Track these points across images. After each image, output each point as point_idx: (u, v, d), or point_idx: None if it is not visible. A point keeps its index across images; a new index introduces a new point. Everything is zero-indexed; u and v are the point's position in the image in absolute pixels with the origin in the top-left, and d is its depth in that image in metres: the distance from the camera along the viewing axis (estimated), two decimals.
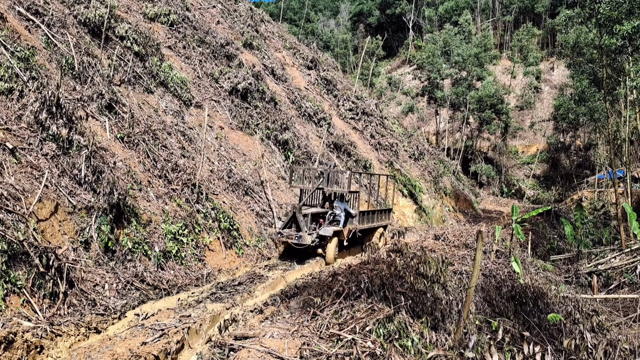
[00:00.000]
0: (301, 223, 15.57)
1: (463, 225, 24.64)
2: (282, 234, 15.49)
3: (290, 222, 15.85)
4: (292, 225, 15.83)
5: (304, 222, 15.65)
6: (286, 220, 15.89)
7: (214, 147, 18.63)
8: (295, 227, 15.75)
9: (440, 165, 42.08)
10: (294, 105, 28.08)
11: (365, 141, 32.73)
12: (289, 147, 23.00)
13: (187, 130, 17.87)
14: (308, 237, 15.33)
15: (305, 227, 15.59)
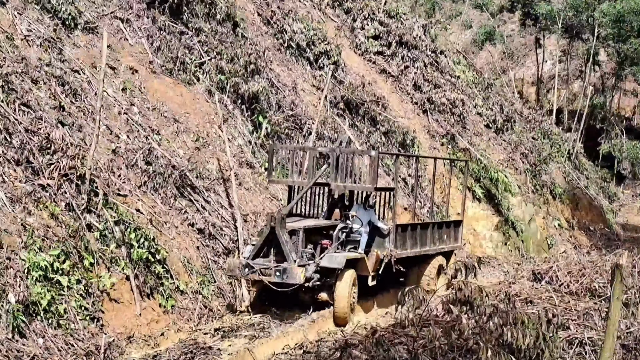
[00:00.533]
0: (286, 246, 15.78)
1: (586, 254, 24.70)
2: (253, 267, 15.76)
3: (265, 246, 16.12)
4: (269, 251, 16.10)
5: (290, 244, 15.88)
6: (259, 242, 16.14)
7: (119, 107, 18.57)
8: (276, 255, 15.99)
9: (544, 143, 42.07)
10: (271, 28, 28.00)
11: (405, 96, 32.74)
12: (260, 106, 22.96)
13: (68, 76, 17.80)
14: (299, 270, 15.54)
15: (293, 254, 15.81)
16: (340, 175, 17.17)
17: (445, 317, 11.85)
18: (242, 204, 19.45)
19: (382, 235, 17.50)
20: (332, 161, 17.29)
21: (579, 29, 54.35)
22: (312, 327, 15.33)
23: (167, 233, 16.74)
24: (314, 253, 16.44)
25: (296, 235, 16.24)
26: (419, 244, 18.79)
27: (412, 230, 18.57)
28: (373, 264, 16.97)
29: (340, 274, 16.09)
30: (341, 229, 17.13)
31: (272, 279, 15.63)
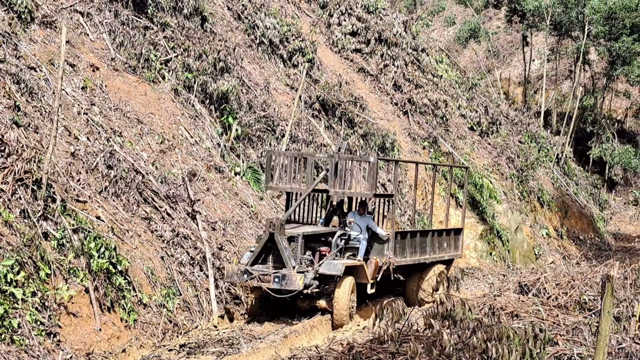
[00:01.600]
0: (284, 253, 16.49)
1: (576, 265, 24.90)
2: (251, 273, 16.48)
3: (264, 253, 16.83)
4: (267, 257, 16.81)
5: (289, 250, 16.63)
6: (257, 248, 16.85)
7: (78, 106, 18.48)
8: (275, 261, 16.68)
9: (531, 147, 42.34)
10: (242, 23, 28.00)
11: (384, 96, 32.83)
12: (230, 107, 22.93)
13: (24, 73, 17.68)
14: (298, 277, 16.23)
15: (292, 260, 16.55)
16: (338, 182, 17.80)
17: (426, 332, 11.87)
18: (210, 211, 19.40)
19: (381, 242, 18.27)
20: (331, 168, 17.87)
21: (569, 26, 54.77)
22: (284, 342, 15.30)
23: (130, 242, 16.64)
24: (312, 260, 17.15)
25: (295, 241, 16.94)
26: (419, 251, 19.55)
27: (411, 238, 19.35)
28: (372, 271, 17.70)
29: (339, 281, 16.83)
30: (340, 235, 17.81)
31: (271, 285, 16.29)
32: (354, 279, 17.23)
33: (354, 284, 17.24)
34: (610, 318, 9.30)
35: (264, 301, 17.40)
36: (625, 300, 16.16)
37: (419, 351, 10.99)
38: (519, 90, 64.87)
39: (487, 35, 63.43)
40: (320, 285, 16.83)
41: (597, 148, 56.11)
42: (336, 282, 16.92)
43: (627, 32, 51.29)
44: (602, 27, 51.43)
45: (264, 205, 21.75)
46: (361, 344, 12.82)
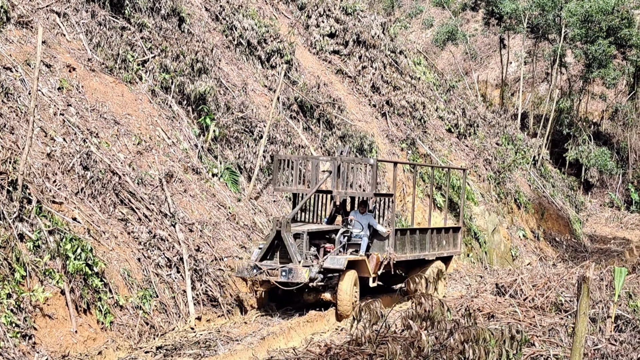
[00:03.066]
0: (291, 248, 17.84)
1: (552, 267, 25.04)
2: (260, 268, 17.78)
3: (271, 249, 18.19)
4: (274, 253, 18.18)
5: (295, 246, 17.94)
6: (266, 245, 18.22)
7: (54, 107, 18.41)
8: (281, 257, 18.04)
9: (508, 149, 42.51)
10: (220, 24, 27.96)
11: (362, 98, 32.86)
12: (207, 108, 22.89)
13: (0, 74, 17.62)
14: (304, 270, 17.56)
15: (298, 255, 17.86)
16: (341, 183, 19.18)
17: (404, 333, 11.89)
18: (187, 213, 19.35)
19: (382, 239, 19.61)
20: (334, 169, 19.22)
21: (545, 29, 55.11)
22: (261, 344, 15.30)
23: (106, 244, 16.59)
24: (317, 255, 18.53)
25: (300, 238, 18.28)
26: (418, 248, 20.86)
27: (411, 235, 20.63)
28: (373, 266, 18.94)
29: (342, 274, 18.10)
30: (343, 233, 19.07)
31: (279, 279, 17.63)
32: (356, 273, 18.46)
33: (357, 278, 18.46)
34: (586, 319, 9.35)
35: (272, 295, 18.80)
36: (601, 301, 16.26)
37: (397, 352, 11.00)
38: (497, 92, 65.14)
39: (465, 38, 63.62)
40: (324, 279, 18.13)
41: (573, 150, 56.45)
42: (340, 275, 18.16)
43: (603, 35, 51.68)
44: (579, 30, 51.77)
45: (241, 207, 21.72)
46: (339, 345, 12.83)
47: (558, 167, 55.96)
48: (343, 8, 35.53)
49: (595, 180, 59.36)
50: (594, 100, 63.07)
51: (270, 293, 18.79)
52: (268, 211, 22.68)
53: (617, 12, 52.11)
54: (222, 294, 18.37)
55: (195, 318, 17.03)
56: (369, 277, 19.01)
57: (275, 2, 33.69)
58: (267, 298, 18.89)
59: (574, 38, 53.07)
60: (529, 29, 55.32)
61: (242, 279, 18.68)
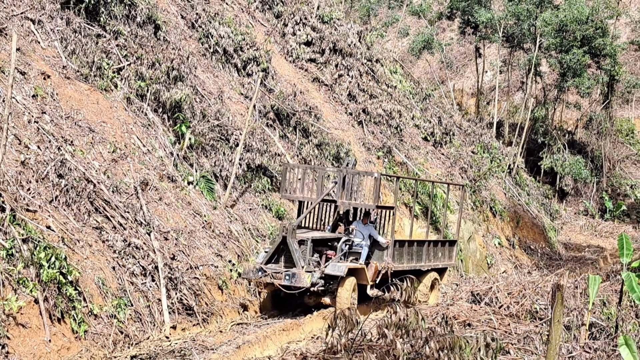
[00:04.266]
0: (295, 254, 18.73)
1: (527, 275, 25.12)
2: (265, 271, 18.71)
3: (276, 254, 19.09)
4: (279, 258, 19.09)
5: (299, 252, 18.84)
6: (271, 250, 19.11)
7: (29, 115, 18.29)
8: (286, 261, 18.95)
9: (484, 157, 42.69)
10: (196, 32, 27.91)
11: (339, 106, 32.89)
12: (183, 115, 22.82)
13: None
14: (306, 275, 18.44)
15: (301, 261, 18.75)
16: (345, 193, 19.98)
17: (379, 341, 11.89)
18: (162, 221, 19.27)
19: (381, 249, 20.44)
20: (339, 180, 20.09)
21: (521, 38, 55.51)
22: (237, 353, 15.25)
23: (80, 252, 16.47)
24: (319, 261, 19.36)
25: (304, 244, 19.15)
26: (415, 259, 21.69)
27: (409, 246, 21.46)
28: (372, 274, 19.81)
29: (342, 280, 18.94)
30: (344, 241, 19.96)
31: (282, 282, 18.45)
32: (355, 280, 19.30)
33: (356, 285, 19.31)
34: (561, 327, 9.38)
35: (275, 298, 19.78)
36: (575, 309, 16.36)
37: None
38: (472, 101, 65.50)
39: (441, 47, 63.92)
40: (325, 284, 18.91)
41: (548, 159, 56.85)
42: (339, 282, 18.95)
43: (578, 45, 52.13)
44: (553, 40, 52.21)
45: (217, 215, 21.65)
46: (314, 354, 12.80)
47: (533, 176, 56.30)
48: (319, 16, 35.59)
49: (570, 188, 59.77)
50: (569, 109, 63.53)
51: (274, 295, 19.73)
52: (244, 219, 22.63)
53: (591, 21, 52.61)
54: (198, 302, 18.29)
55: (170, 327, 16.95)
56: (367, 285, 19.85)
57: (251, 10, 33.68)
58: (270, 301, 19.86)
59: (549, 47, 53.52)
60: (505, 38, 55.70)
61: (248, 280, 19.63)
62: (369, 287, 19.95)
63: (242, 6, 33.06)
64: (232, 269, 20.18)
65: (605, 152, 60.36)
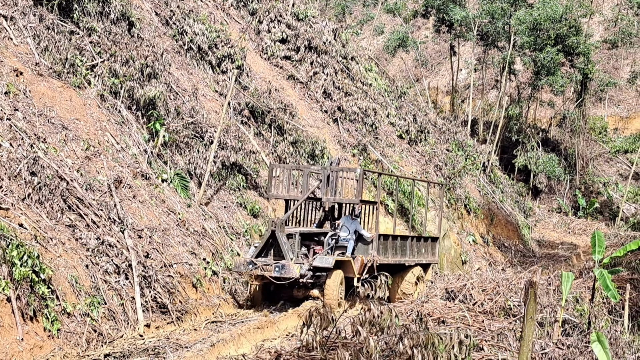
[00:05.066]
0: (284, 246, 19.50)
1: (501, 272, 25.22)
2: (256, 263, 19.44)
3: (267, 247, 19.87)
4: (269, 251, 19.88)
5: (288, 245, 19.61)
6: (261, 244, 19.93)
7: (1, 112, 18.14)
8: (275, 255, 19.75)
9: (458, 155, 42.84)
10: (170, 29, 27.81)
11: (314, 104, 32.88)
12: (157, 113, 22.74)
13: None
14: (295, 266, 19.20)
15: (290, 253, 19.55)
16: (330, 191, 20.90)
17: (354, 339, 11.89)
18: (136, 219, 19.19)
19: (366, 243, 21.20)
20: (323, 178, 21.01)
21: (495, 37, 55.76)
22: (211, 351, 15.21)
23: (53, 250, 16.39)
24: (307, 254, 20.09)
25: (293, 238, 19.87)
26: (399, 253, 22.53)
27: (392, 240, 22.25)
28: (358, 267, 20.44)
29: (330, 273, 19.65)
30: (331, 235, 20.67)
31: (272, 274, 19.16)
32: (342, 273, 20.05)
33: (343, 277, 20.03)
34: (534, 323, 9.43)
35: (266, 291, 20.43)
36: (548, 306, 16.45)
37: (346, 358, 11.00)
38: (447, 99, 65.73)
39: (416, 45, 64.09)
40: (313, 277, 19.60)
41: (522, 157, 57.17)
42: (327, 274, 19.66)
43: (552, 43, 52.47)
44: (528, 38, 52.51)
45: (191, 213, 21.60)
46: (289, 351, 12.79)
47: (507, 173, 56.61)
48: (294, 14, 35.59)
49: (544, 186, 60.14)
50: (542, 107, 63.94)
51: (264, 288, 20.34)
52: (218, 217, 22.59)
53: (565, 20, 52.97)
54: (172, 300, 18.24)
55: (144, 325, 16.89)
56: (353, 277, 20.43)
57: (226, 7, 33.61)
58: (261, 295, 20.44)
59: (523, 46, 53.81)
60: (479, 37, 55.96)
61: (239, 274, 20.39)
62: (355, 280, 20.44)
63: (217, 3, 32.97)
64: (207, 267, 20.14)
65: (578, 150, 60.78)
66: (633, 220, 52.14)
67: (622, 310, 18.75)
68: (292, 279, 19.18)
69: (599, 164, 63.07)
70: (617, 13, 71.70)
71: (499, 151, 56.56)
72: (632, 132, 65.75)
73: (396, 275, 22.73)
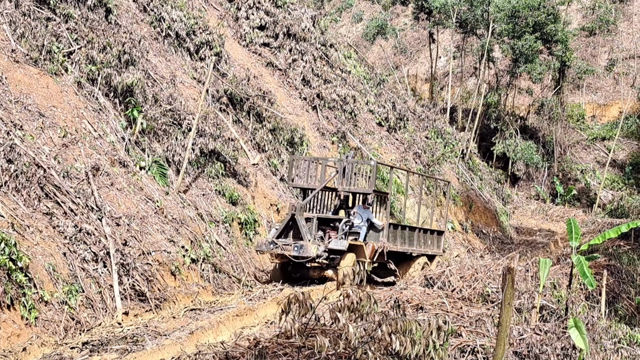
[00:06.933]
0: (303, 229, 21.32)
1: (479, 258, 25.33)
2: (277, 243, 21.33)
3: (287, 229, 21.74)
4: (288, 233, 21.76)
5: (306, 227, 21.45)
6: (281, 226, 21.79)
7: None
8: (294, 236, 21.60)
9: (437, 142, 42.94)
10: (148, 15, 27.66)
11: (293, 91, 32.84)
12: (134, 100, 22.63)
13: None
14: (312, 247, 20.97)
15: (308, 235, 21.34)
16: (345, 181, 22.47)
17: (333, 325, 11.92)
18: (114, 206, 19.11)
19: (377, 231, 22.61)
20: (340, 169, 22.51)
21: (474, 24, 55.88)
22: (190, 339, 15.20)
23: (30, 238, 16.30)
24: (323, 237, 21.80)
25: (311, 221, 21.87)
26: (407, 243, 23.93)
27: (402, 230, 23.77)
28: (370, 252, 21.86)
29: (344, 255, 21.25)
30: (345, 222, 22.19)
31: (291, 253, 20.96)
32: (355, 256, 21.46)
33: (355, 260, 21.43)
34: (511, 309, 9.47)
35: (284, 270, 22.17)
36: (526, 292, 16.55)
37: (325, 345, 11.02)
38: (426, 86, 65.85)
39: (395, 32, 64.16)
40: (328, 258, 21.27)
41: (500, 144, 57.38)
42: (341, 256, 21.26)
43: (530, 30, 52.67)
44: (506, 25, 52.68)
45: (169, 201, 21.52)
46: (268, 339, 12.82)
47: (486, 161, 56.81)
48: (273, 1, 35.49)
49: (522, 173, 60.44)
50: (521, 95, 64.19)
51: (283, 267, 22.12)
52: (197, 205, 22.52)
53: (543, 8, 53.17)
54: (150, 288, 18.20)
55: (122, 313, 16.84)
56: (364, 262, 21.73)
57: None
58: (280, 273, 22.16)
59: (502, 33, 53.98)
60: (458, 24, 56.04)
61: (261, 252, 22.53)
62: (367, 264, 21.80)
63: None
64: (185, 254, 20.07)
65: (556, 137, 61.08)
66: (610, 207, 52.58)
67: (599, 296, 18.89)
68: (310, 258, 20.91)
69: (576, 151, 63.42)
70: (595, 1, 72.02)
71: (478, 139, 56.78)
72: (610, 119, 66.16)
73: (402, 264, 23.96)
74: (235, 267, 22.10)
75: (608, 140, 63.14)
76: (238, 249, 23.02)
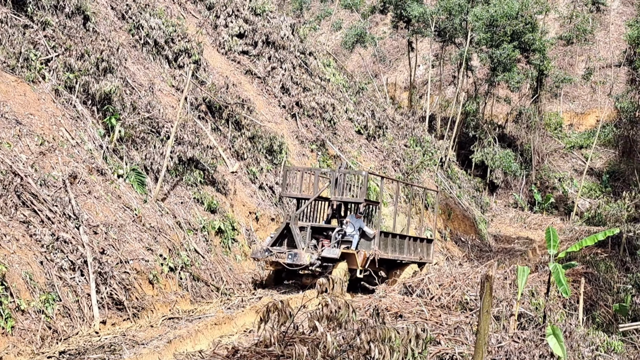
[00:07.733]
0: (297, 237, 22.03)
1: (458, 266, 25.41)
2: (271, 251, 22.01)
3: (281, 238, 22.41)
4: (282, 241, 22.41)
5: (300, 236, 22.12)
6: (276, 235, 22.47)
7: None
8: (288, 244, 22.28)
9: (416, 150, 43.04)
10: (126, 23, 27.59)
11: (272, 99, 32.83)
12: (112, 108, 22.55)
13: None
14: (306, 255, 21.55)
15: (302, 243, 22.00)
16: (339, 190, 23.25)
17: (312, 334, 11.91)
18: (91, 215, 19.01)
19: (369, 239, 23.09)
20: (332, 180, 23.33)
21: (452, 33, 56.14)
22: (167, 348, 15.14)
23: (7, 246, 16.19)
24: (316, 246, 22.47)
25: (305, 230, 22.53)
26: (398, 250, 24.47)
27: (392, 238, 24.28)
28: (361, 260, 22.35)
29: (336, 264, 21.83)
30: (338, 231, 22.79)
31: (286, 260, 21.62)
32: (347, 264, 22.11)
33: (347, 268, 22.10)
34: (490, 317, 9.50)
35: (278, 277, 22.94)
36: (504, 299, 16.60)
37: (303, 354, 11.00)
38: (405, 94, 66.03)
39: (374, 41, 64.26)
40: (321, 266, 21.81)
41: (479, 152, 57.61)
42: (334, 265, 21.84)
43: (508, 40, 52.95)
44: (484, 34, 52.93)
45: (148, 209, 21.43)
46: (246, 347, 12.78)
47: (464, 169, 57.03)
48: (252, 8, 35.48)
49: (500, 181, 60.70)
50: (499, 103, 64.50)
51: (277, 275, 22.86)
52: (175, 213, 22.45)
53: (521, 17, 53.49)
54: (128, 297, 18.10)
55: (100, 322, 16.75)
56: (356, 270, 22.34)
57: (183, 1, 33.40)
58: (274, 279, 22.89)
59: (480, 42, 54.23)
60: (437, 33, 56.29)
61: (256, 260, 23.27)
62: (358, 272, 22.39)
63: None
64: (163, 263, 19.99)
65: (534, 145, 61.42)
66: (587, 215, 52.82)
67: (577, 303, 19.00)
68: (303, 265, 21.56)
69: (554, 159, 63.80)
70: (572, 10, 72.57)
71: (457, 147, 56.97)
72: (587, 127, 66.63)
73: (393, 271, 24.53)
74: (213, 276, 22.01)
75: (585, 148, 63.58)
76: (216, 257, 22.95)
